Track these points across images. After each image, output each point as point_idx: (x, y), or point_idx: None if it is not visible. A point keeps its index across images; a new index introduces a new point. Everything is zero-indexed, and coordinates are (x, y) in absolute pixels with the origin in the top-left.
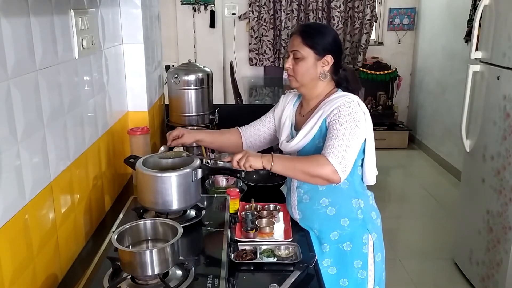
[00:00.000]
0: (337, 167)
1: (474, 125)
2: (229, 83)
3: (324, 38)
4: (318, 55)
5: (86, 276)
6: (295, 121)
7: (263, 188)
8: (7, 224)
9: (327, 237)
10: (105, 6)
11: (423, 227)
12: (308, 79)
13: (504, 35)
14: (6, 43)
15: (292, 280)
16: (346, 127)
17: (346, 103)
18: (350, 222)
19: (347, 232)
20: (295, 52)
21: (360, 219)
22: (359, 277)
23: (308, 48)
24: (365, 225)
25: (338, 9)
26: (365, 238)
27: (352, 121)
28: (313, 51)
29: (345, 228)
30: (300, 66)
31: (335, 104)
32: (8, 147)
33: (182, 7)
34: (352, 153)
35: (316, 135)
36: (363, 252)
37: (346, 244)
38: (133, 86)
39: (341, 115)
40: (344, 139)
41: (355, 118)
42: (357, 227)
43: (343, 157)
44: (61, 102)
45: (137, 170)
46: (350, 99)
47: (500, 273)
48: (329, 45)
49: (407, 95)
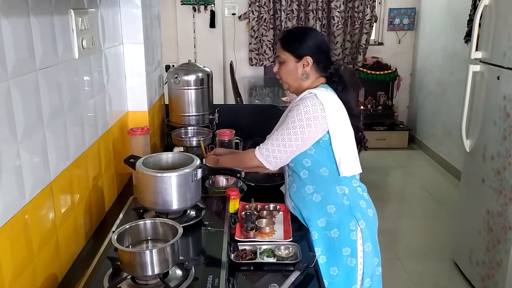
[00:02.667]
0: (262, 160)
1: (474, 125)
2: (229, 83)
3: (301, 42)
4: (296, 57)
5: (86, 276)
6: None
7: (263, 188)
8: (7, 224)
9: (315, 224)
10: (105, 6)
11: (423, 227)
12: (292, 80)
13: (504, 35)
14: (6, 43)
15: (292, 280)
16: (291, 125)
17: (306, 98)
18: (337, 208)
19: (334, 219)
20: (278, 57)
21: (347, 205)
22: (349, 265)
23: (287, 52)
24: (352, 212)
25: (338, 9)
26: (352, 225)
27: (303, 119)
28: (291, 54)
29: (331, 215)
30: (282, 69)
31: (298, 98)
32: (8, 147)
33: (182, 7)
34: (285, 150)
35: None
36: (351, 239)
37: (333, 231)
38: (133, 86)
39: (294, 110)
40: (281, 137)
41: (307, 113)
42: (344, 213)
43: (271, 151)
44: (61, 102)
45: (137, 170)
46: (311, 94)
47: (500, 273)
48: (307, 48)
49: (407, 95)
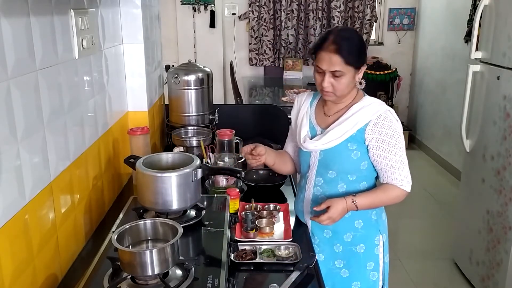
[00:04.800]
0: (408, 188)
1: (474, 125)
2: (229, 83)
3: (359, 50)
4: (357, 68)
5: (86, 276)
6: (315, 119)
7: (263, 188)
8: (7, 224)
9: (341, 237)
10: (105, 6)
11: (423, 227)
12: (348, 91)
13: (504, 35)
14: (6, 43)
15: (292, 280)
16: (398, 147)
17: (387, 118)
18: (364, 223)
19: (361, 234)
20: (335, 72)
21: (374, 220)
22: (371, 279)
23: (348, 66)
24: (378, 227)
25: (338, 9)
26: (377, 240)
27: (398, 137)
28: (352, 67)
29: (358, 230)
30: (341, 83)
31: (372, 114)
32: (8, 147)
33: (182, 7)
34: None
35: (349, 139)
36: (375, 253)
37: (359, 246)
38: (133, 86)
39: (388, 134)
40: (400, 160)
41: (398, 132)
42: (370, 228)
43: (407, 177)
44: (61, 102)
45: (137, 170)
46: (390, 112)
47: (500, 273)
48: (363, 55)
49: (407, 95)
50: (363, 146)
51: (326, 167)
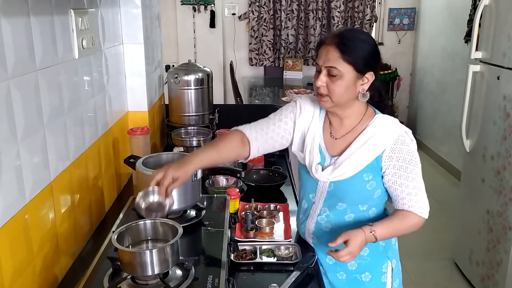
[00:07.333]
0: (426, 215)
1: (474, 125)
2: (229, 83)
3: (365, 52)
4: (359, 72)
5: (86, 276)
6: (324, 142)
7: (263, 188)
8: (7, 224)
9: (345, 265)
10: (105, 6)
11: (423, 227)
12: (346, 98)
13: (504, 35)
14: (6, 43)
15: (292, 280)
16: (415, 172)
17: (404, 142)
18: (371, 251)
19: (367, 262)
20: (331, 69)
21: (382, 247)
22: None
23: (348, 65)
24: (386, 253)
25: (338, 9)
26: (384, 267)
27: (415, 161)
28: (353, 68)
29: (364, 257)
30: (337, 85)
31: (389, 139)
32: (8, 147)
33: (182, 7)
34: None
35: (365, 169)
36: (381, 281)
37: (364, 274)
38: (133, 86)
39: (406, 159)
40: (418, 186)
41: (415, 156)
42: (377, 256)
43: (425, 203)
44: (61, 102)
45: (137, 170)
46: (406, 133)
47: (500, 273)
48: (371, 60)
49: (407, 95)
50: (379, 174)
51: (336, 199)
